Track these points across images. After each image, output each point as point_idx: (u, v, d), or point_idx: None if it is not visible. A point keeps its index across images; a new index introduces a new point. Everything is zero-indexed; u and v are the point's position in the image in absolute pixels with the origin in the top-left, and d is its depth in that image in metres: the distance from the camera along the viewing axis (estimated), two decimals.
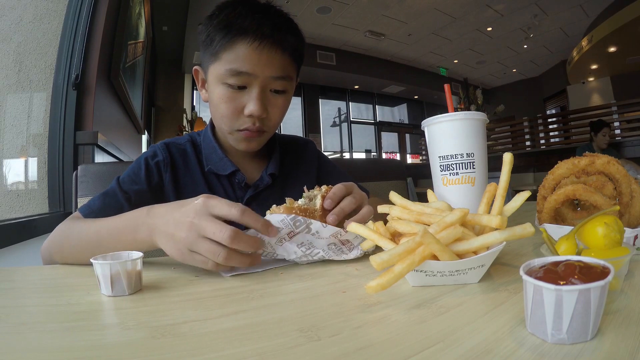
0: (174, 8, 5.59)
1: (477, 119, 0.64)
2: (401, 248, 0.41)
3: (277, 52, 0.73)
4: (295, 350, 0.30)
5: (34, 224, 1.32)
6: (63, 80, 1.76)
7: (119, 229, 0.60)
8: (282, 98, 0.79)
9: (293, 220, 0.54)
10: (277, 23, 0.75)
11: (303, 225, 0.55)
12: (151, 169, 0.80)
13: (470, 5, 6.92)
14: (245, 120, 0.76)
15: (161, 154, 0.82)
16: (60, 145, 1.71)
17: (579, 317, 0.28)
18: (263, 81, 0.74)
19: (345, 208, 0.60)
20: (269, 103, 0.77)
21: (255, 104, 0.74)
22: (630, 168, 2.12)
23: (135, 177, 0.78)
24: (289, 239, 0.56)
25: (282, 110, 0.80)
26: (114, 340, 0.33)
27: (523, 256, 0.56)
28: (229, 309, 0.40)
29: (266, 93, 0.76)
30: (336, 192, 0.61)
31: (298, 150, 0.98)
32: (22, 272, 0.61)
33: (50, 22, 1.77)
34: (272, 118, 0.79)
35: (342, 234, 0.57)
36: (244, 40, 0.71)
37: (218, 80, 0.75)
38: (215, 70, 0.75)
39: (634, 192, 0.56)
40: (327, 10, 6.95)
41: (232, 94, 0.74)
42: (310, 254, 0.57)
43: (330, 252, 0.58)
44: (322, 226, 0.56)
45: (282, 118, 0.83)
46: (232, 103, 0.75)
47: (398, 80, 10.23)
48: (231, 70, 0.72)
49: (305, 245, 0.57)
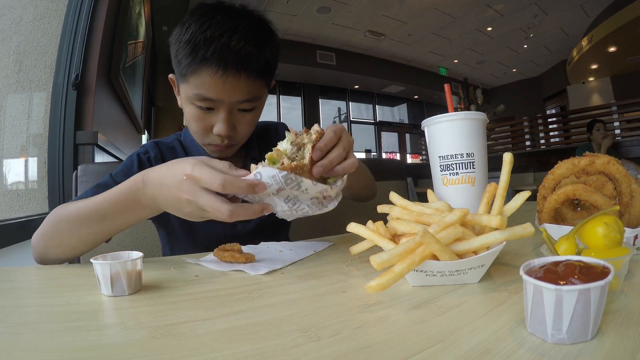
0: (174, 8, 5.58)
1: (477, 119, 0.64)
2: (401, 248, 0.41)
3: (241, 77, 0.72)
4: (295, 350, 0.30)
5: (34, 224, 1.32)
6: (63, 80, 1.76)
7: (120, 201, 0.60)
8: (250, 115, 0.80)
9: (284, 178, 0.54)
10: (243, 44, 0.71)
11: (294, 183, 0.55)
12: (143, 163, 0.83)
13: (470, 5, 6.92)
14: (215, 137, 0.79)
15: (152, 151, 0.86)
16: (60, 145, 1.71)
17: (579, 317, 0.28)
18: (229, 105, 0.76)
19: (333, 160, 0.59)
20: (237, 121, 0.79)
21: (222, 126, 0.76)
22: (630, 168, 2.12)
23: (127, 171, 0.78)
24: (277, 193, 0.56)
25: (251, 125, 0.82)
26: (114, 340, 0.33)
27: (523, 256, 0.56)
28: (229, 309, 0.40)
29: (233, 114, 0.78)
30: (327, 142, 0.59)
31: (271, 133, 1.00)
32: (22, 272, 0.61)
33: (50, 22, 1.77)
34: (241, 133, 0.81)
35: (328, 190, 0.58)
36: (208, 69, 0.71)
37: (187, 100, 0.77)
38: (185, 91, 0.77)
39: (634, 192, 0.56)
40: (327, 10, 6.95)
41: (201, 114, 0.77)
42: (296, 208, 0.58)
43: (313, 206, 0.59)
44: (312, 184, 0.56)
45: (253, 129, 0.85)
46: (202, 122, 0.78)
47: (398, 80, 10.23)
48: (198, 95, 0.74)
49: (291, 200, 0.57)
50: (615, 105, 5.95)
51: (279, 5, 6.50)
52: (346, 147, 0.61)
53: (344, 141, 0.62)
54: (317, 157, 0.57)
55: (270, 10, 6.67)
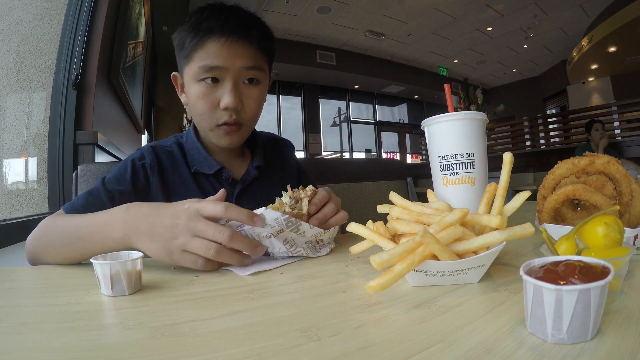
0: (174, 8, 5.58)
1: (477, 119, 0.64)
2: (401, 248, 0.41)
3: (244, 44, 0.77)
4: (295, 350, 0.30)
5: (34, 224, 1.32)
6: (63, 80, 1.76)
7: (96, 225, 0.60)
8: (256, 89, 0.81)
9: (286, 220, 0.59)
10: (242, 20, 0.78)
11: (293, 225, 0.60)
12: (137, 170, 0.81)
13: (470, 5, 6.92)
14: (222, 114, 0.78)
15: (148, 157, 0.83)
16: (60, 145, 1.71)
17: (579, 317, 0.28)
18: (235, 73, 0.77)
19: (327, 214, 0.66)
20: (243, 95, 0.79)
21: (229, 96, 0.76)
22: (630, 168, 2.12)
23: (120, 178, 0.79)
24: (277, 235, 0.60)
25: (257, 102, 0.82)
26: (114, 340, 0.33)
27: (523, 256, 0.56)
28: (229, 309, 0.40)
29: (239, 85, 0.79)
30: (321, 199, 0.66)
31: (278, 146, 1.02)
32: (22, 272, 0.61)
33: (50, 22, 1.77)
34: (248, 110, 0.81)
35: (322, 234, 0.64)
36: (212, 38, 0.75)
37: (193, 79, 0.78)
38: (190, 71, 0.78)
39: (634, 192, 0.56)
40: (327, 10, 6.95)
41: (207, 90, 0.77)
42: (292, 250, 0.63)
43: (307, 250, 0.64)
44: (309, 227, 0.62)
45: (259, 111, 0.85)
46: (208, 99, 0.78)
47: (398, 80, 10.23)
48: (204, 66, 0.76)
49: (289, 242, 0.62)
50: (615, 105, 5.95)
51: (279, 5, 6.50)
52: (337, 204, 0.69)
53: (334, 199, 0.70)
54: (313, 211, 0.64)
55: (270, 10, 6.67)
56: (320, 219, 0.64)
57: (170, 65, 0.82)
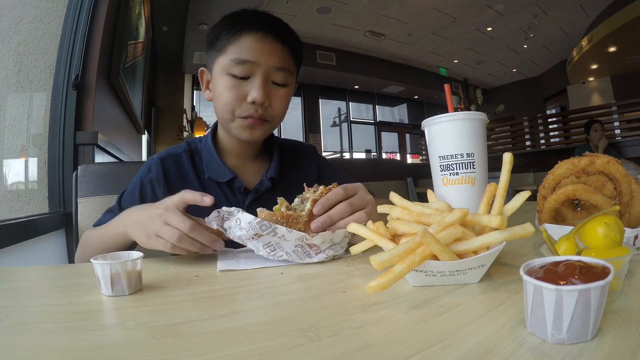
0: (174, 8, 5.58)
1: (477, 119, 0.64)
2: (401, 248, 0.41)
3: (278, 44, 0.79)
4: (295, 350, 0.30)
5: (34, 224, 1.32)
6: (63, 81, 1.76)
7: (109, 227, 0.72)
8: (283, 90, 0.82)
9: (259, 224, 0.57)
10: (278, 23, 0.82)
11: (269, 229, 0.57)
12: (145, 187, 0.85)
13: (470, 5, 6.92)
14: (248, 107, 0.79)
15: (155, 171, 0.85)
16: (60, 146, 1.70)
17: (579, 317, 0.28)
18: (265, 70, 0.78)
19: (333, 217, 0.61)
20: (270, 93, 0.80)
21: (258, 91, 0.77)
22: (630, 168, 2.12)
23: (131, 197, 0.84)
24: (257, 238, 0.59)
25: (283, 102, 0.83)
26: (114, 340, 0.33)
27: (523, 256, 0.56)
28: (229, 309, 0.40)
29: (268, 83, 0.80)
30: (330, 198, 0.62)
31: (298, 154, 0.99)
32: (23, 272, 0.61)
33: (50, 22, 1.77)
34: (275, 107, 0.82)
35: (308, 238, 0.58)
36: (248, 32, 0.77)
37: (223, 71, 0.79)
38: (221, 63, 0.79)
39: (634, 192, 0.56)
40: (327, 10, 6.95)
41: (235, 83, 0.78)
42: (275, 255, 0.59)
43: (294, 255, 0.59)
44: (287, 230, 0.57)
45: (284, 111, 0.85)
46: (236, 91, 0.78)
47: (398, 80, 10.22)
48: (236, 59, 0.77)
49: (270, 246, 0.59)
50: (615, 105, 5.95)
51: (279, 5, 6.49)
52: (355, 205, 0.63)
53: (356, 199, 0.64)
54: (317, 212, 0.60)
55: (270, 10, 6.59)
56: (322, 223, 0.60)
57: (170, 65, 0.83)
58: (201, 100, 7.68)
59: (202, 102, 7.73)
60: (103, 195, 1.03)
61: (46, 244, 1.39)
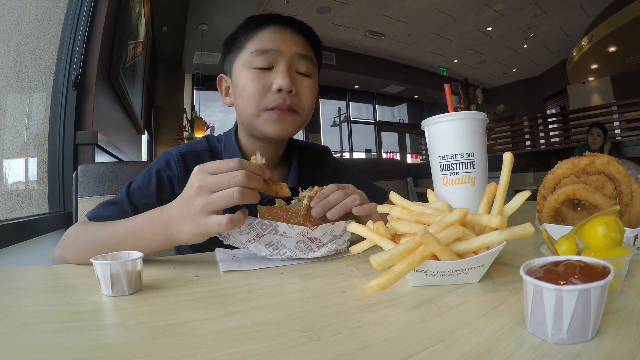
0: (174, 8, 5.58)
1: (477, 119, 0.64)
2: (401, 248, 0.41)
3: (299, 34, 0.79)
4: (295, 350, 0.30)
5: (34, 224, 1.32)
6: (63, 80, 1.76)
7: (137, 228, 0.61)
8: (308, 80, 0.81)
9: (260, 224, 0.58)
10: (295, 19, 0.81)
11: (270, 228, 0.58)
12: (163, 183, 0.76)
13: (470, 5, 6.91)
14: (275, 97, 0.75)
15: (175, 167, 0.78)
16: (60, 145, 1.71)
17: (579, 317, 0.28)
18: (289, 58, 0.77)
19: (331, 201, 0.62)
20: (296, 82, 0.78)
21: (283, 77, 0.75)
22: (630, 168, 2.12)
23: (145, 190, 0.75)
24: (258, 239, 0.59)
25: (311, 92, 0.81)
26: (114, 340, 0.33)
27: (523, 256, 0.56)
28: (229, 309, 0.40)
29: (293, 70, 0.78)
30: (325, 191, 0.63)
31: (315, 159, 0.97)
32: (22, 272, 0.61)
33: (50, 22, 1.77)
34: (303, 98, 0.79)
35: (309, 232, 0.60)
36: (268, 26, 0.78)
37: (244, 67, 0.77)
38: (241, 60, 0.78)
39: (634, 192, 0.56)
40: (327, 10, 6.94)
41: (259, 74, 0.76)
42: (278, 253, 0.60)
43: (297, 250, 0.60)
44: (288, 227, 0.59)
45: (312, 103, 0.82)
46: (259, 81, 0.76)
47: (398, 80, 10.22)
48: (257, 50, 0.76)
49: (272, 245, 0.60)
50: (615, 105, 5.95)
51: (278, 5, 6.49)
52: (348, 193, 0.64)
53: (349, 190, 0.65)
54: (314, 204, 0.61)
55: (270, 10, 6.66)
56: (322, 206, 0.61)
57: (170, 65, 0.82)
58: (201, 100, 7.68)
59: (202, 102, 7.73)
60: (103, 195, 1.03)
61: (46, 244, 1.39)
